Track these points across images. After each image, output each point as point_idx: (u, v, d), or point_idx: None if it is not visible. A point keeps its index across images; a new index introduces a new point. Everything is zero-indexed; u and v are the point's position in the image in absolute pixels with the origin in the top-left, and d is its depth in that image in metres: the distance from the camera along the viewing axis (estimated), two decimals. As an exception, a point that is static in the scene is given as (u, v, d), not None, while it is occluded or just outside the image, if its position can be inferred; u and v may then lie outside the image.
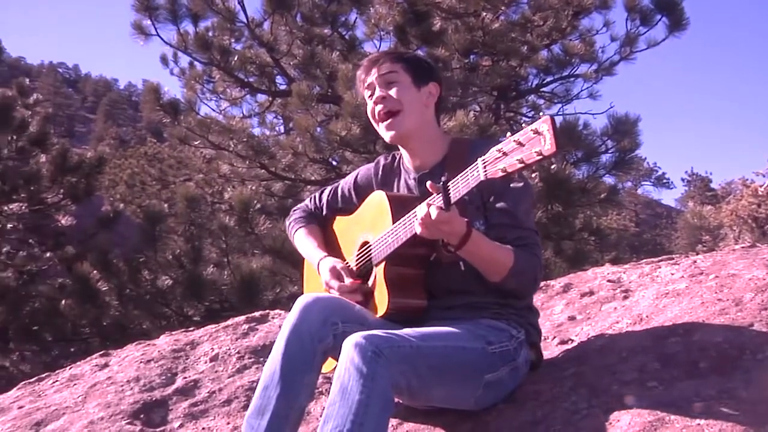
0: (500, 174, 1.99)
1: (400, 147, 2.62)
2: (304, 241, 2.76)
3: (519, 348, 2.38)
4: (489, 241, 2.29)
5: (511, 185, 2.25)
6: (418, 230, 2.20)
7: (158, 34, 9.84)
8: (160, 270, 8.79)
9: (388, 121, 2.49)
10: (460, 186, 2.11)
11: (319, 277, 2.58)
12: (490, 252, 2.29)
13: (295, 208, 2.92)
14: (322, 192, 2.87)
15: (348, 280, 2.48)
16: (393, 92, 2.48)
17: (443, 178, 2.15)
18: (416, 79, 2.51)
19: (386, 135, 2.52)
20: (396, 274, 2.42)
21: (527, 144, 1.93)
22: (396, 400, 2.14)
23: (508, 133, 2.00)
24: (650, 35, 9.88)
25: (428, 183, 2.19)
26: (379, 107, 2.51)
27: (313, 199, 2.87)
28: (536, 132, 1.90)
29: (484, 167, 2.03)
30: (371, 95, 2.54)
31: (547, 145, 1.88)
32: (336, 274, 2.51)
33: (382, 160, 2.73)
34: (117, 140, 48.62)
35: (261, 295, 8.28)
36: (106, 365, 3.50)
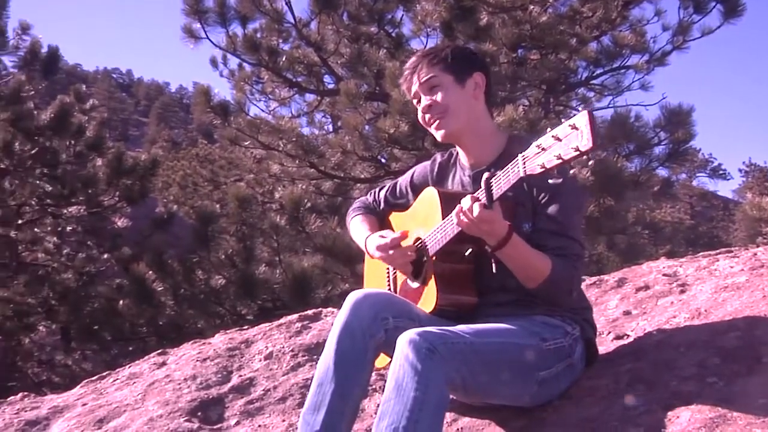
0: (539, 170, 1.97)
1: (455, 144, 2.61)
2: (357, 226, 2.77)
3: (574, 344, 2.35)
4: (528, 248, 2.26)
5: (564, 191, 2.21)
6: (458, 226, 2.19)
7: (208, 37, 10.00)
8: (214, 270, 8.90)
9: (436, 122, 2.49)
10: (502, 182, 2.09)
11: (376, 268, 2.58)
12: (527, 258, 2.26)
13: (355, 201, 2.95)
14: (381, 188, 2.89)
15: (396, 234, 2.49)
16: (438, 97, 2.46)
17: (485, 175, 2.14)
18: (458, 76, 2.47)
19: (437, 135, 2.52)
20: (444, 270, 2.41)
21: (565, 139, 1.90)
22: (450, 396, 2.14)
23: (548, 129, 1.98)
24: (704, 23, 9.67)
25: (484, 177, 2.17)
26: (427, 116, 2.50)
27: (372, 194, 2.89)
28: (574, 127, 1.88)
29: (524, 163, 2.01)
30: (418, 102, 2.54)
31: (585, 141, 1.85)
32: (383, 235, 2.53)
33: (438, 157, 2.72)
34: (169, 142, 49.42)
35: (313, 293, 8.33)
36: (163, 364, 3.57)
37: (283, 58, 10.33)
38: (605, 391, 2.32)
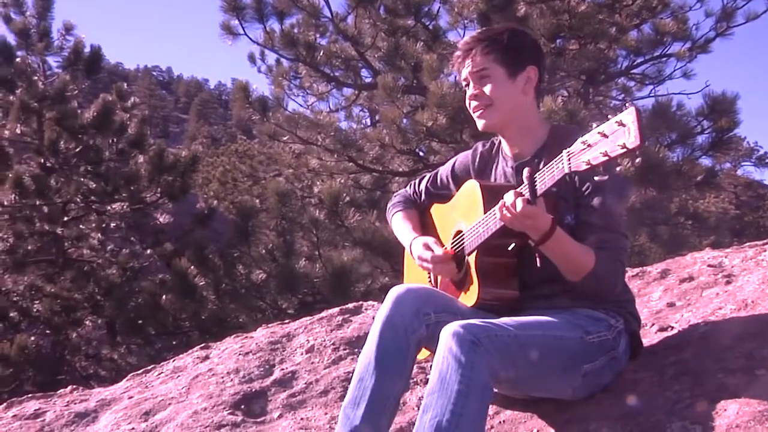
0: (584, 167, 1.94)
1: (498, 133, 2.59)
2: (400, 225, 2.76)
3: (618, 337, 2.33)
4: (571, 241, 2.24)
5: (607, 182, 2.19)
6: (501, 221, 2.18)
7: (245, 33, 10.09)
8: (254, 264, 8.99)
9: (479, 112, 2.47)
10: (546, 178, 2.08)
11: (415, 261, 2.58)
12: (571, 252, 2.24)
13: (395, 194, 2.93)
14: (422, 179, 2.87)
15: (440, 250, 2.47)
16: (486, 89, 2.43)
17: (525, 171, 2.12)
18: (511, 69, 2.43)
19: (478, 124, 2.50)
20: (486, 264, 2.40)
21: (611, 136, 1.88)
22: (494, 389, 2.13)
23: (594, 124, 1.95)
24: (749, 8, 9.50)
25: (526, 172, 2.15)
26: (473, 103, 2.49)
27: (412, 186, 2.88)
28: (621, 124, 1.85)
29: (569, 159, 1.99)
30: (467, 85, 2.51)
31: (632, 138, 1.82)
32: (428, 247, 2.51)
33: (480, 146, 2.69)
34: (209, 139, 49.88)
35: (353, 286, 8.36)
36: (207, 357, 3.61)
37: (321, 53, 10.37)
38: (649, 384, 2.30)
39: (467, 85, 2.50)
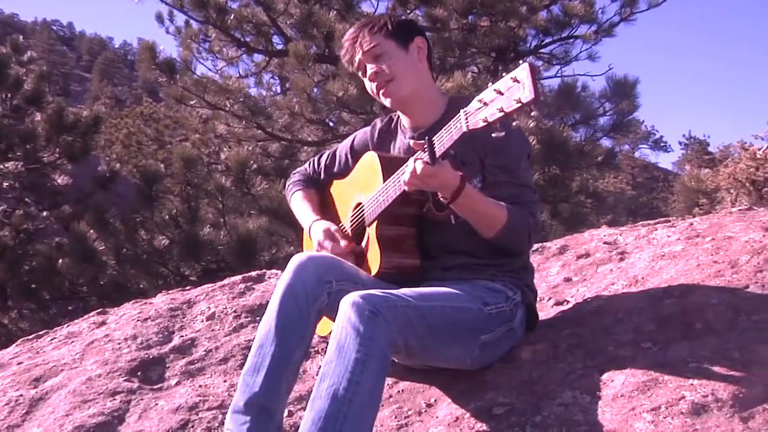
0: (481, 124, 1.98)
1: (398, 110, 2.60)
2: (299, 205, 2.77)
3: (515, 309, 2.39)
4: (483, 196, 2.29)
5: (509, 142, 2.23)
6: (406, 186, 2.20)
7: (154, -8, 9.74)
8: (157, 230, 8.80)
9: (383, 89, 2.48)
10: (444, 139, 2.11)
11: (314, 245, 2.58)
12: (483, 207, 2.28)
13: (294, 172, 2.92)
14: (320, 156, 2.87)
15: (342, 243, 2.48)
16: (384, 65, 2.46)
17: (427, 137, 2.15)
18: (400, 41, 2.48)
19: (386, 102, 2.51)
20: (388, 233, 2.42)
21: (506, 92, 1.91)
22: (392, 359, 2.15)
23: (489, 83, 1.98)
24: (651, -5, 9.79)
25: (412, 142, 2.21)
26: (374, 84, 2.49)
27: (311, 164, 2.88)
28: (515, 80, 1.89)
29: (466, 118, 2.02)
30: (363, 73, 2.52)
31: (526, 92, 1.86)
32: (329, 235, 2.52)
33: (378, 122, 2.71)
34: (113, 99, 48.14)
35: (258, 255, 8.30)
36: (103, 323, 3.51)
37: (232, 17, 10.12)
38: (545, 356, 2.37)
39: (363, 72, 2.51)
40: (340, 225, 2.60)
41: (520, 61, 1.92)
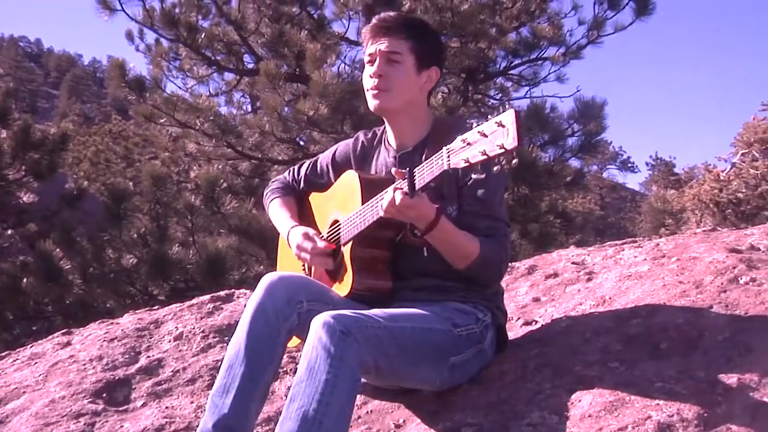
0: (462, 164, 1.98)
1: (385, 121, 2.58)
2: (277, 212, 2.72)
3: (485, 331, 2.40)
4: (456, 229, 2.29)
5: (490, 173, 2.24)
6: (382, 213, 2.20)
7: (123, 10, 9.68)
8: (125, 249, 8.70)
9: (376, 92, 2.44)
10: (425, 173, 2.11)
11: (291, 250, 2.56)
12: (456, 240, 2.29)
13: (273, 180, 2.89)
14: (301, 165, 2.84)
15: (322, 244, 2.46)
16: (392, 72, 2.42)
17: (407, 169, 2.14)
18: (420, 63, 2.44)
19: (371, 103, 2.47)
20: (362, 255, 2.42)
21: (490, 135, 1.91)
22: (362, 380, 2.15)
23: (474, 123, 1.99)
24: (617, 19, 9.96)
25: (393, 170, 2.20)
26: (373, 81, 2.44)
27: (291, 172, 2.84)
28: (500, 124, 1.89)
29: (448, 156, 2.02)
30: (371, 62, 2.45)
31: (510, 139, 1.87)
32: (308, 237, 2.49)
33: (361, 135, 2.69)
34: (81, 117, 47.71)
35: (227, 274, 8.24)
36: (68, 344, 3.46)
37: (202, 35, 10.10)
38: (513, 376, 2.38)
39: (371, 61, 2.45)
40: (318, 234, 2.59)
41: (507, 105, 1.93)
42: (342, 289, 2.43)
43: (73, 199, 11.47)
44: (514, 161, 1.91)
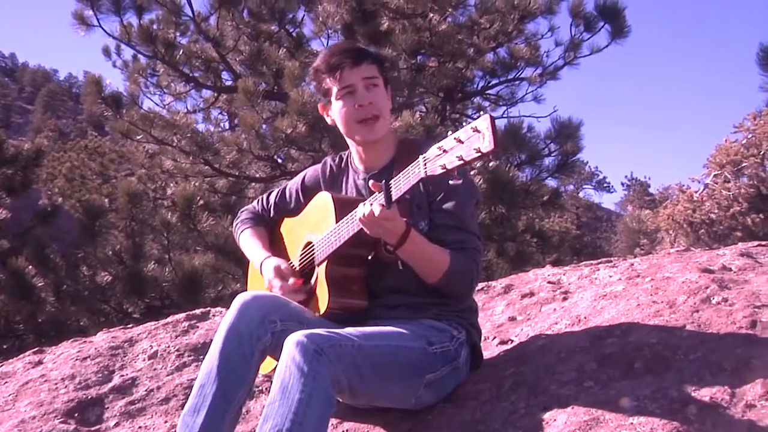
0: (440, 171, 2.00)
1: (351, 146, 2.58)
2: (248, 242, 2.73)
3: (460, 348, 2.40)
4: (427, 243, 2.31)
5: (458, 188, 2.25)
6: (360, 226, 2.20)
7: (100, 25, 9.67)
8: (100, 266, 8.61)
9: (371, 121, 2.45)
10: (402, 183, 2.12)
11: (263, 278, 2.56)
12: (428, 253, 2.30)
13: (242, 209, 2.88)
14: (269, 193, 2.84)
15: (291, 280, 2.46)
16: (375, 98, 2.45)
17: (383, 181, 2.16)
18: (385, 83, 2.51)
19: (367, 134, 2.47)
20: (337, 274, 2.42)
21: (467, 141, 1.94)
22: (336, 399, 2.14)
23: (449, 132, 2.02)
24: (593, 41, 10.12)
25: (371, 182, 2.20)
26: (362, 113, 2.44)
27: (260, 201, 2.85)
28: (476, 130, 1.92)
29: (425, 164, 2.04)
30: (350, 93, 2.44)
31: (486, 143, 1.89)
32: (279, 273, 2.50)
33: (329, 160, 2.71)
34: (56, 132, 47.31)
35: (203, 292, 8.18)
36: (39, 363, 3.41)
37: (180, 52, 10.10)
38: (488, 395, 2.38)
39: (352, 92, 2.45)
40: (290, 263, 2.59)
41: (481, 112, 1.96)
42: (317, 308, 2.42)
43: (47, 216, 11.37)
44: (491, 163, 1.94)
